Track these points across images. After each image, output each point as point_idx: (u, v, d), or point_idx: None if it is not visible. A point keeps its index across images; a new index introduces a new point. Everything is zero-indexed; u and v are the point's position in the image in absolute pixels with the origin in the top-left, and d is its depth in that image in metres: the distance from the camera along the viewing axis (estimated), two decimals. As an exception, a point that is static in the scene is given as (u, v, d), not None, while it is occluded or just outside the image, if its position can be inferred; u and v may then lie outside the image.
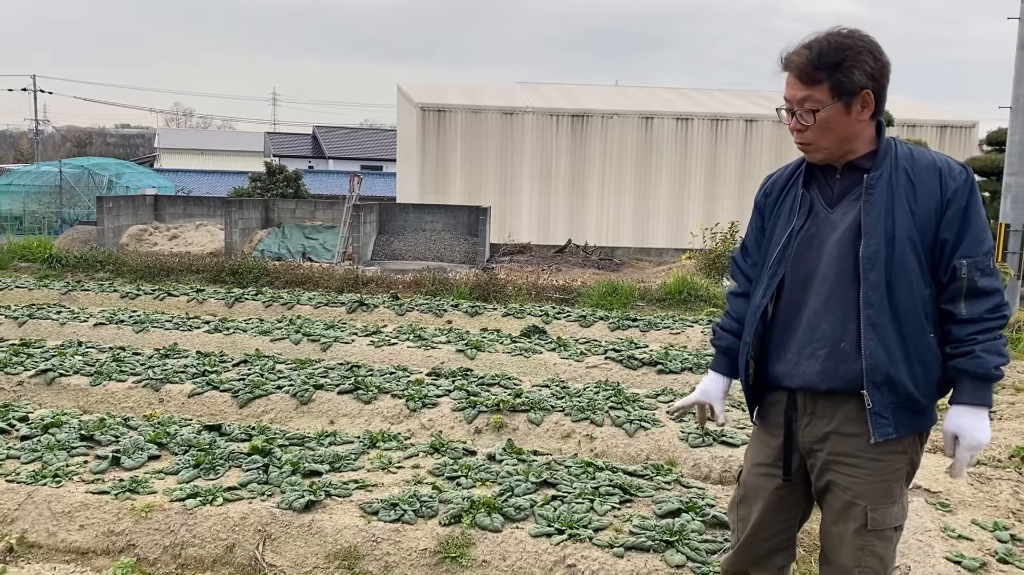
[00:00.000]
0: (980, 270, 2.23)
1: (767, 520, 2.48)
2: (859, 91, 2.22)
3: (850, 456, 2.30)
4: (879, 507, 2.29)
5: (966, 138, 23.49)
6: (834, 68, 2.21)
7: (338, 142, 45.12)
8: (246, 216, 19.72)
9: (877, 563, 2.31)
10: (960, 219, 2.24)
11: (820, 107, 2.23)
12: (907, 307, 2.24)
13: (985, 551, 3.64)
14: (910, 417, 2.28)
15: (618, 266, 19.52)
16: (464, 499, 3.71)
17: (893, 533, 2.34)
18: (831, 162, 2.34)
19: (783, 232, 2.38)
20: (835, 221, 2.31)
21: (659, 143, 22.98)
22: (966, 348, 2.23)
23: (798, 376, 2.33)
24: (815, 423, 2.35)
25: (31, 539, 3.67)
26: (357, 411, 5.50)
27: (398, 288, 11.93)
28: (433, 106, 22.55)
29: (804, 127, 2.28)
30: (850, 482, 2.31)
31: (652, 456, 4.81)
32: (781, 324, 2.37)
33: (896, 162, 2.28)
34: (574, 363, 7.00)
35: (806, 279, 2.33)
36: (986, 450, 5.13)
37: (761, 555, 2.52)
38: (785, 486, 2.44)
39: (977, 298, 2.23)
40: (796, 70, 2.25)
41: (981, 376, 2.24)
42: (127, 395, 5.81)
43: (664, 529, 3.51)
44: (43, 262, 13.73)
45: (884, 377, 2.22)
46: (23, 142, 58.27)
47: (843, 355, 2.27)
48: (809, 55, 2.23)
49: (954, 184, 2.25)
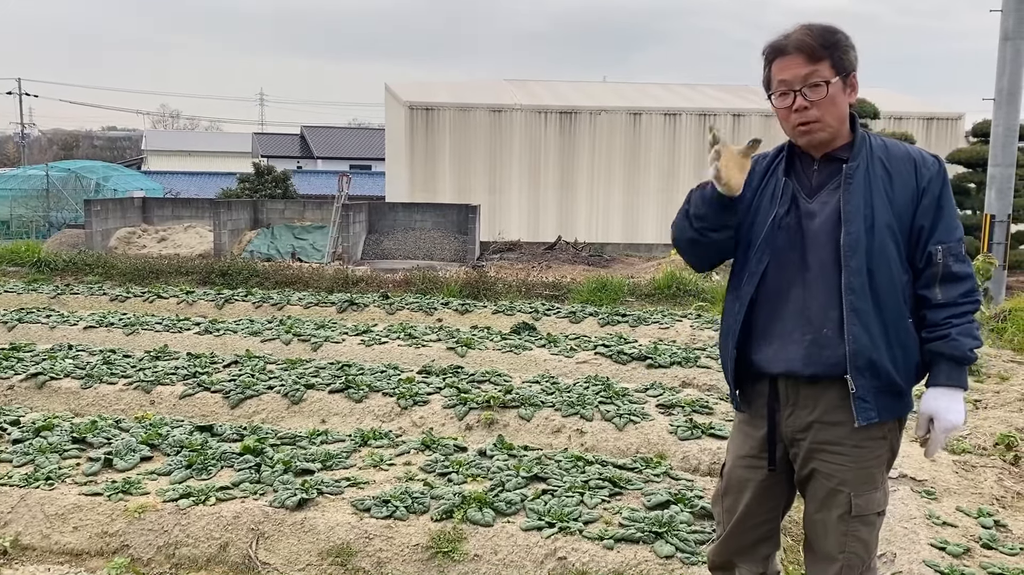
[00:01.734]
0: (954, 256, 2.31)
1: (752, 511, 2.52)
2: (851, 72, 2.32)
3: (833, 444, 2.34)
4: (862, 493, 2.34)
5: (952, 130, 23.62)
6: (833, 47, 2.29)
7: (326, 142, 45.02)
8: (235, 217, 19.70)
9: (861, 548, 2.36)
10: (935, 207, 2.32)
11: (824, 82, 2.28)
12: (887, 293, 2.29)
13: (969, 537, 3.70)
14: (891, 401, 2.33)
15: (608, 262, 19.57)
16: (455, 495, 3.75)
17: (876, 518, 2.38)
18: (824, 146, 2.36)
19: (766, 218, 2.40)
20: (815, 210, 2.35)
21: (647, 139, 23.04)
22: (942, 332, 2.30)
23: (782, 362, 2.37)
24: (798, 413, 2.39)
25: (25, 542, 3.69)
26: (348, 410, 5.52)
27: (388, 287, 11.94)
28: (421, 104, 22.54)
29: (810, 103, 2.30)
30: (833, 469, 2.35)
31: (642, 449, 4.85)
32: (764, 311, 2.41)
33: (872, 153, 2.35)
34: (564, 359, 7.04)
35: (789, 267, 2.37)
36: (971, 438, 5.20)
37: (746, 545, 2.56)
38: (770, 477, 2.47)
39: (951, 283, 2.31)
40: (802, 47, 2.30)
41: (957, 359, 2.30)
42: (118, 397, 5.82)
43: (653, 521, 3.55)
44: (32, 266, 13.68)
45: (867, 362, 2.27)
46: (9, 146, 57.93)
47: (826, 341, 2.31)
48: (811, 33, 2.30)
49: (928, 173, 2.33)
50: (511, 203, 22.74)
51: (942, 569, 3.33)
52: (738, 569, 2.61)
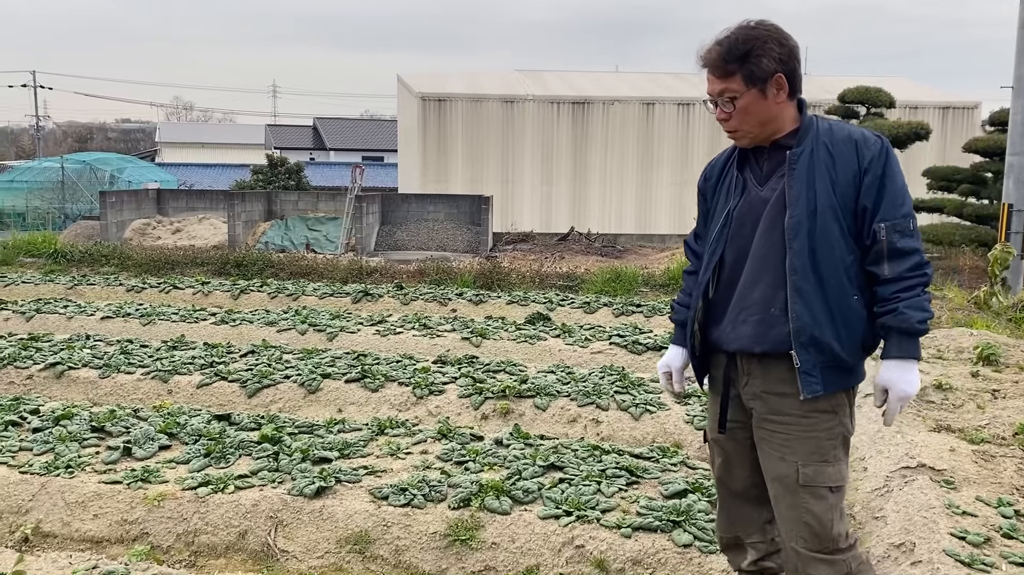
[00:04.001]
0: (899, 232, 2.38)
1: (730, 473, 2.68)
2: (771, 76, 2.39)
3: (781, 414, 2.46)
4: (810, 463, 2.43)
5: (968, 119, 23.40)
6: (744, 59, 2.38)
7: (339, 133, 45.05)
8: (249, 209, 19.75)
9: (814, 521, 2.43)
10: (877, 186, 2.39)
11: (737, 96, 2.40)
12: (830, 272, 2.38)
13: (989, 527, 3.67)
14: (837, 375, 2.43)
15: (621, 253, 19.53)
16: (472, 483, 3.75)
17: (829, 493, 2.45)
18: (759, 143, 2.50)
19: (721, 213, 2.56)
20: (765, 197, 2.47)
21: (661, 129, 22.94)
22: (891, 306, 2.38)
23: (735, 341, 2.51)
24: (752, 383, 2.53)
25: (46, 529, 3.72)
26: (364, 399, 5.54)
27: (402, 278, 11.96)
28: (433, 96, 22.52)
29: (728, 116, 2.45)
30: (781, 439, 2.47)
31: (658, 439, 4.84)
32: (721, 295, 2.56)
33: (817, 137, 2.44)
34: (579, 349, 7.03)
35: (741, 253, 2.50)
36: (990, 428, 5.17)
37: (740, 512, 2.70)
38: (732, 439, 2.62)
39: (898, 258, 2.38)
40: (711, 66, 2.43)
41: (905, 331, 2.38)
42: (136, 387, 5.86)
43: (671, 510, 3.55)
44: (48, 257, 13.76)
45: (810, 338, 2.38)
46: (24, 138, 58.31)
47: (773, 320, 2.43)
48: (720, 51, 2.40)
49: (869, 153, 2.41)
50: (523, 194, 22.70)
51: (963, 558, 3.31)
52: (747, 545, 2.72)
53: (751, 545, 2.72)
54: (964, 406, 5.45)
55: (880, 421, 4.86)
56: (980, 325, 8.10)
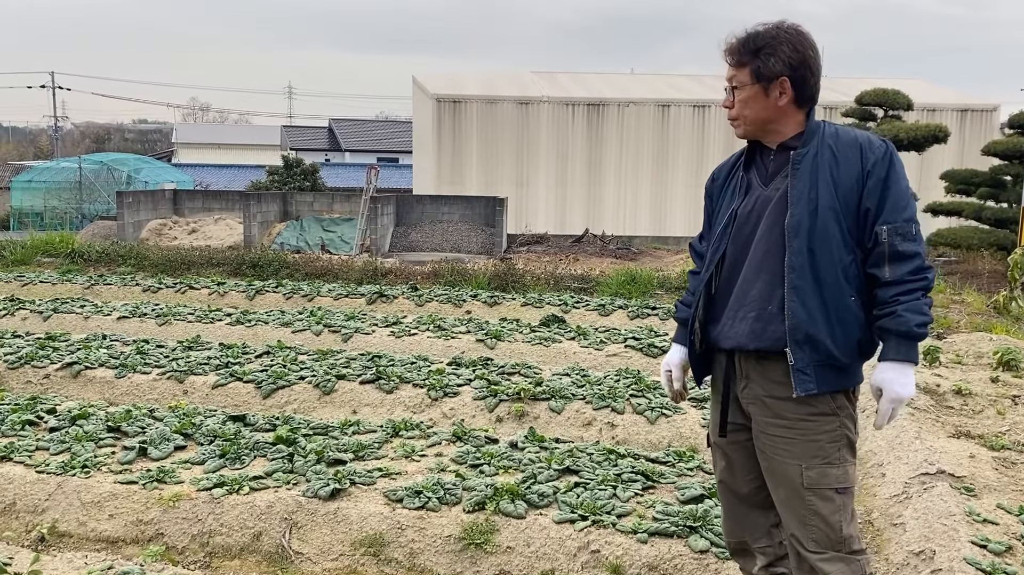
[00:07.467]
0: (900, 235, 2.39)
1: (733, 476, 2.67)
2: (776, 77, 2.43)
3: (780, 418, 2.47)
4: (814, 466, 2.43)
5: (987, 122, 23.17)
6: (755, 53, 2.44)
7: (354, 134, 45.17)
8: (264, 209, 19.82)
9: (823, 523, 2.43)
10: (880, 188, 2.41)
11: (741, 86, 2.47)
12: (828, 272, 2.39)
13: (1011, 535, 3.62)
14: (832, 374, 2.42)
15: (636, 255, 19.46)
16: (487, 486, 3.74)
17: (835, 495, 2.44)
18: (755, 138, 2.55)
19: (726, 212, 2.59)
20: (768, 196, 2.51)
21: (676, 131, 22.85)
22: (890, 309, 2.39)
23: (731, 338, 2.53)
24: (751, 386, 2.53)
25: (62, 528, 3.73)
26: (379, 400, 5.53)
27: (417, 279, 11.96)
28: (448, 97, 22.52)
29: (732, 103, 2.53)
30: (782, 443, 2.47)
31: (674, 443, 4.81)
32: (722, 293, 2.58)
33: (822, 140, 2.47)
34: (594, 351, 7.00)
35: (743, 251, 2.53)
36: (1010, 435, 5.10)
37: (742, 517, 2.69)
38: (734, 442, 2.62)
39: (899, 261, 2.39)
40: (728, 52, 2.51)
41: (904, 334, 2.38)
42: (152, 387, 5.87)
43: (687, 515, 3.52)
44: (66, 256, 13.85)
45: (805, 336, 2.39)
46: (42, 139, 58.80)
47: (770, 317, 2.45)
48: (739, 40, 2.48)
49: (873, 157, 2.42)
50: (538, 196, 22.66)
51: (984, 567, 3.26)
52: (754, 550, 2.70)
53: (759, 550, 2.71)
54: (984, 412, 5.39)
55: (898, 427, 4.82)
56: (1000, 330, 8.02)
